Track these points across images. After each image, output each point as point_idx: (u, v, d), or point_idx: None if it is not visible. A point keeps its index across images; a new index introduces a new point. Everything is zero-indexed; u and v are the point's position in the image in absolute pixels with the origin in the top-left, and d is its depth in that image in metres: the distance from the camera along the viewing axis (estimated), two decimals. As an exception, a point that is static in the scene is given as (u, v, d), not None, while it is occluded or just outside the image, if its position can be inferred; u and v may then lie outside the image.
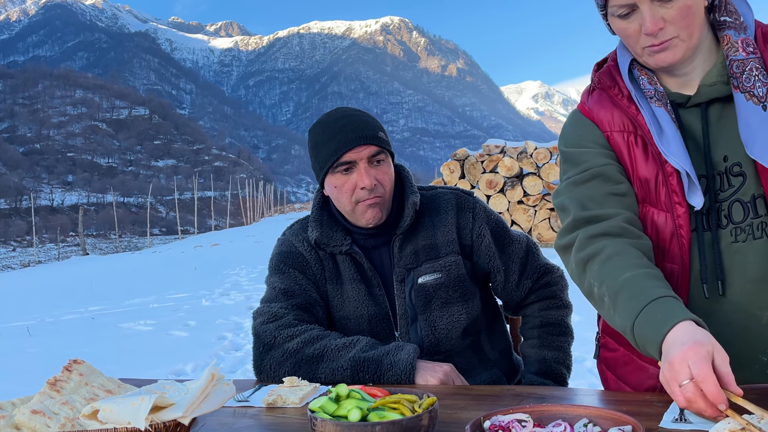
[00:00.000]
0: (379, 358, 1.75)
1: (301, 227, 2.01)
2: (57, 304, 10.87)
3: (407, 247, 1.91)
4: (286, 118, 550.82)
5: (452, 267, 1.91)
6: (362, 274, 1.93)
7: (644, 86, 1.48)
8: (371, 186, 1.81)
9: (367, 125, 1.86)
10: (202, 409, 1.24)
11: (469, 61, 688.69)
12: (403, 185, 1.96)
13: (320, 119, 1.93)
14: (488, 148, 12.38)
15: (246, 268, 14.05)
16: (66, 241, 56.92)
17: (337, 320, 1.95)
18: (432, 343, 1.90)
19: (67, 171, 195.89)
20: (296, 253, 1.97)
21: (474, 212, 1.95)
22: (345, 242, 1.91)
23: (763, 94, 1.37)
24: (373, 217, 1.85)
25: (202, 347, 6.29)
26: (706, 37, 1.46)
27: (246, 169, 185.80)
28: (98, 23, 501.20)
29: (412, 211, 1.90)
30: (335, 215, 1.95)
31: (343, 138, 1.82)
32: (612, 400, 1.49)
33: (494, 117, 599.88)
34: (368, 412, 1.22)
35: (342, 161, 1.83)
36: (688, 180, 1.41)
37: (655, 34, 1.38)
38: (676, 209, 1.45)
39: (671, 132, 1.43)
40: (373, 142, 1.83)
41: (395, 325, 1.92)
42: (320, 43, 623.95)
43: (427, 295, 1.89)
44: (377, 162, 1.86)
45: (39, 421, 1.24)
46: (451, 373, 1.76)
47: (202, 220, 60.79)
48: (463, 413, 1.42)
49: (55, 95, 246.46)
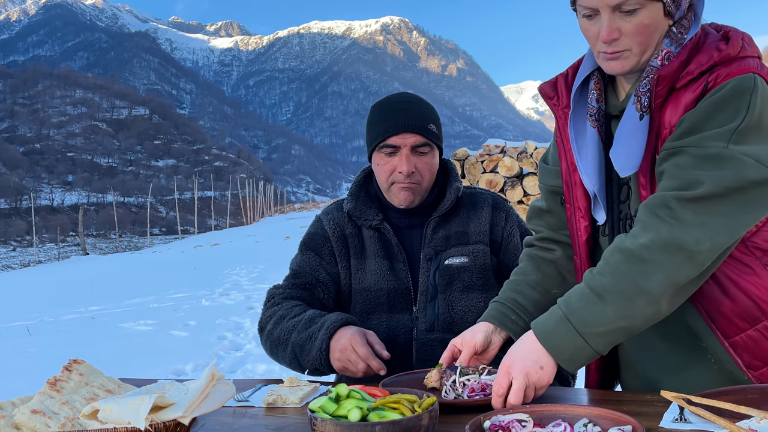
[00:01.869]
0: (302, 343, 1.84)
1: (335, 206, 2.15)
2: (57, 304, 10.87)
3: (440, 230, 2.01)
4: (286, 118, 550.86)
5: (479, 255, 2.00)
6: (387, 249, 2.03)
7: (590, 102, 1.54)
8: (408, 172, 1.92)
9: (419, 115, 1.94)
10: (202, 409, 1.24)
11: (469, 61, 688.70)
12: (448, 176, 2.08)
13: (383, 99, 2.07)
14: (488, 148, 12.38)
15: (246, 268, 14.04)
16: (66, 240, 56.90)
17: (359, 292, 2.03)
18: (447, 321, 1.96)
19: (67, 171, 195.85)
20: (319, 234, 2.10)
21: (507, 214, 2.07)
22: (377, 218, 2.02)
23: (645, 105, 1.42)
24: (405, 199, 1.96)
25: (202, 347, 6.30)
26: None
27: (246, 169, 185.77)
28: (98, 23, 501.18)
29: (454, 195, 2.01)
30: (372, 192, 2.08)
31: (393, 122, 1.93)
32: (612, 400, 1.49)
33: (494, 117, 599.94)
34: (368, 412, 1.22)
35: (387, 143, 1.94)
36: (594, 199, 1.54)
37: (609, 43, 1.42)
38: (576, 213, 1.61)
39: (593, 153, 1.52)
40: (419, 132, 1.93)
41: (414, 300, 2.00)
42: (320, 43, 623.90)
43: (450, 276, 1.98)
44: (420, 152, 1.94)
45: (39, 420, 1.24)
46: (347, 349, 1.75)
47: (202, 220, 60.76)
48: (464, 413, 1.42)
49: (55, 95, 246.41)
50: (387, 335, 1.98)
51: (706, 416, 1.18)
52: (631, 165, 1.43)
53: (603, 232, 1.59)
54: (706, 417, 1.18)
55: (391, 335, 1.98)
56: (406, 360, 1.96)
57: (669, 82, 1.41)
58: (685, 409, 1.26)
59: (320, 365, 1.80)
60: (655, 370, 1.57)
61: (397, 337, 1.98)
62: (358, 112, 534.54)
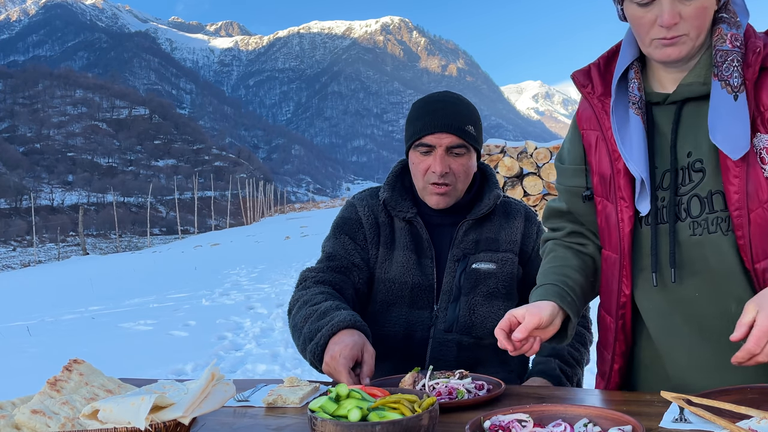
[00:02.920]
0: (311, 335, 1.77)
1: (370, 194, 2.11)
2: (57, 304, 10.88)
3: (471, 234, 2.00)
4: (286, 117, 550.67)
5: (507, 263, 1.99)
6: (417, 243, 2.00)
7: (632, 91, 1.54)
8: (441, 172, 1.89)
9: (457, 115, 1.91)
10: (202, 409, 1.24)
11: (469, 61, 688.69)
12: (487, 181, 2.07)
13: (425, 96, 2.02)
14: (488, 147, 12.38)
15: (246, 268, 14.04)
16: (66, 240, 56.91)
17: (383, 282, 2.01)
18: (466, 324, 1.95)
19: (67, 171, 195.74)
20: (353, 219, 2.07)
21: (539, 227, 2.06)
22: (411, 211, 2.00)
23: (738, 85, 1.42)
24: (437, 202, 1.95)
25: (202, 347, 6.30)
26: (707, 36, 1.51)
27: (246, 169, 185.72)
28: (98, 23, 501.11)
29: (492, 202, 2.00)
30: (408, 185, 2.06)
31: (430, 121, 1.90)
32: (612, 400, 1.49)
33: (494, 117, 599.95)
34: (368, 412, 1.22)
35: (422, 142, 1.91)
36: (641, 187, 1.51)
37: (670, 28, 1.43)
38: (620, 203, 1.56)
39: (638, 139, 1.51)
40: (455, 133, 1.90)
41: (436, 299, 1.98)
42: (320, 43, 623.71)
43: (476, 280, 1.96)
44: (456, 153, 1.91)
45: (39, 420, 1.24)
46: (335, 359, 1.66)
47: (202, 220, 60.77)
48: (464, 413, 1.42)
49: (55, 95, 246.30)
50: (405, 330, 1.97)
51: (706, 416, 1.17)
52: (741, 146, 1.41)
53: (646, 222, 1.55)
54: (706, 417, 1.18)
55: (408, 330, 1.97)
56: (420, 357, 1.95)
57: (763, 60, 1.44)
58: (685, 409, 1.25)
59: (314, 363, 1.77)
60: (690, 371, 1.54)
61: (414, 333, 1.97)
62: (358, 112, 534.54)
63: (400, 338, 1.97)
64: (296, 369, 5.48)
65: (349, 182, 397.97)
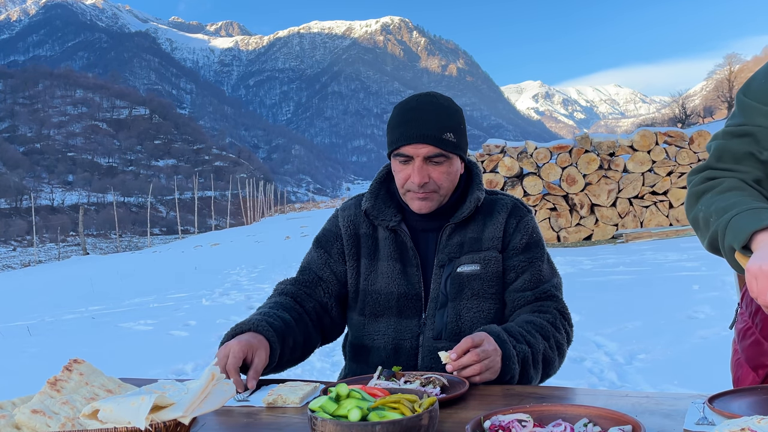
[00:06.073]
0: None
1: (354, 202, 2.10)
2: (57, 304, 10.88)
3: (455, 237, 1.96)
4: (286, 117, 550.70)
5: (491, 262, 1.94)
6: (402, 252, 1.98)
7: None
8: (420, 183, 1.86)
9: (434, 124, 1.86)
10: (202, 409, 1.24)
11: (469, 61, 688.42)
12: (471, 182, 2.01)
13: (404, 100, 1.96)
14: (488, 147, 12.38)
15: (246, 268, 14.04)
16: (66, 240, 56.92)
17: (369, 294, 1.99)
18: (454, 330, 1.92)
19: (67, 171, 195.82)
20: (332, 232, 2.08)
21: (520, 220, 1.98)
22: (395, 219, 1.98)
23: None
24: (420, 207, 1.91)
25: (202, 347, 6.29)
26: None
27: (246, 169, 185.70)
28: (98, 23, 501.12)
29: (473, 205, 1.95)
30: (393, 190, 2.03)
31: (406, 131, 1.86)
32: (612, 401, 1.49)
33: (494, 117, 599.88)
34: (368, 411, 1.21)
35: (400, 152, 1.88)
36: None
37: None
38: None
39: None
40: (432, 143, 1.84)
41: (424, 307, 1.96)
42: (320, 43, 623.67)
43: (460, 284, 1.92)
44: (435, 162, 1.88)
45: (39, 420, 1.24)
46: (223, 352, 1.70)
47: (203, 220, 60.78)
48: (463, 413, 1.43)
49: (56, 95, 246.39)
50: (394, 340, 1.95)
51: (725, 414, 1.17)
52: None
53: None
54: (725, 415, 1.18)
55: (397, 340, 1.95)
56: (411, 367, 1.94)
57: None
58: (706, 409, 1.24)
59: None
60: None
61: (403, 342, 1.95)
62: (358, 112, 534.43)
63: (390, 348, 1.96)
64: (296, 369, 5.48)
65: (349, 182, 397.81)
